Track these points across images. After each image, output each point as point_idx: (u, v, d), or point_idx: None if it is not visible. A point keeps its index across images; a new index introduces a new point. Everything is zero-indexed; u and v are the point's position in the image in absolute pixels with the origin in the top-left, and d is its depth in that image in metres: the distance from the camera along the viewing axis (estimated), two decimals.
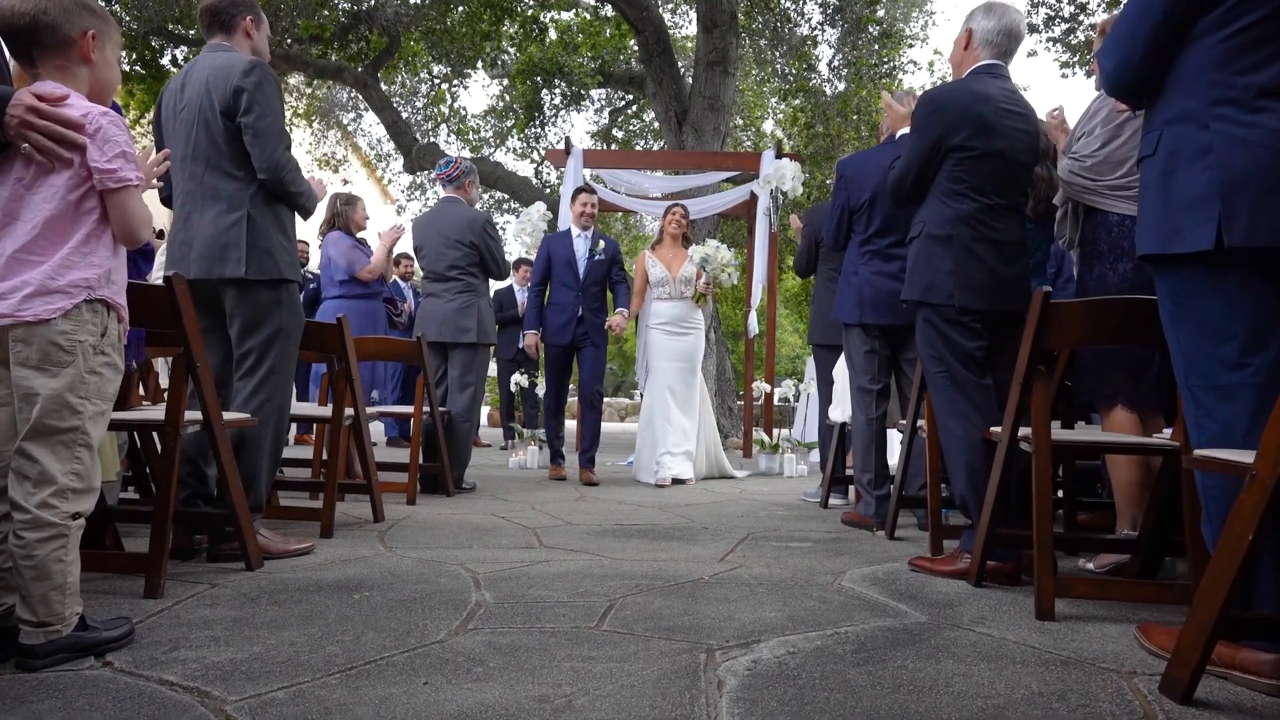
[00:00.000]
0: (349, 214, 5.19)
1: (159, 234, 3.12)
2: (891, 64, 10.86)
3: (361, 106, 13.42)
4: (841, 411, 4.10)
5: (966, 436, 2.52)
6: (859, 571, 2.58)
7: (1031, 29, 9.36)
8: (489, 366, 4.64)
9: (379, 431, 8.09)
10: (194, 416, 2.24)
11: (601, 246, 5.13)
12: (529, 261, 8.18)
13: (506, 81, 13.37)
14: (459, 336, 4.36)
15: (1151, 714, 1.43)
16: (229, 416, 2.39)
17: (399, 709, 1.38)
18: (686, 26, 14.09)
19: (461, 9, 10.78)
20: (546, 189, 11.91)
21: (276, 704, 1.39)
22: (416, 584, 2.27)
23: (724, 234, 11.27)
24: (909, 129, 2.93)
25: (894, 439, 4.27)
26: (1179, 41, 1.61)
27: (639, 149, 14.10)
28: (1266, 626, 1.50)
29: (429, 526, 3.30)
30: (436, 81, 13.19)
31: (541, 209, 6.12)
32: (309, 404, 4.96)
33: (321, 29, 10.07)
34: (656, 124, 12.26)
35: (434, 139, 13.07)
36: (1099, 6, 8.81)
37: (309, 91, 13.16)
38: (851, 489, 4.21)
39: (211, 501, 2.62)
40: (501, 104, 14.02)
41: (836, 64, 11.29)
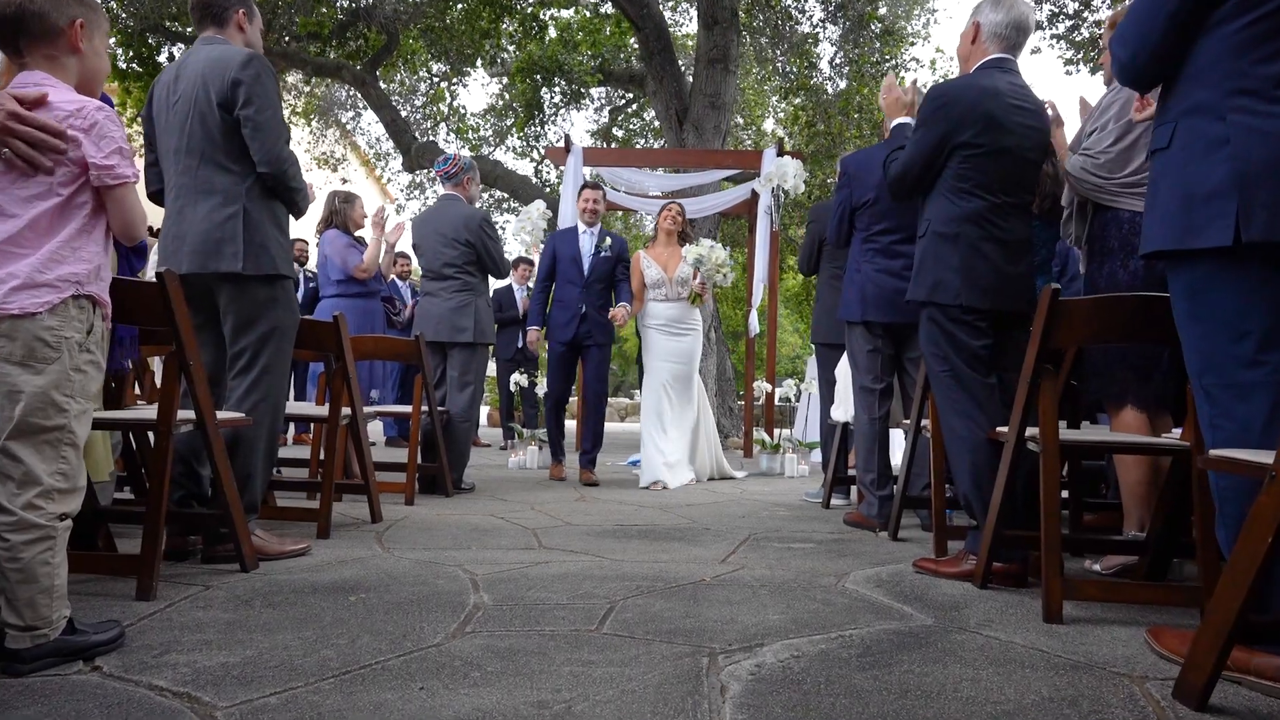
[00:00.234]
0: (347, 212, 5.15)
1: (153, 232, 3.08)
2: (893, 61, 10.82)
3: (360, 105, 13.38)
4: (844, 411, 4.06)
5: (971, 436, 2.48)
6: (863, 573, 2.55)
7: (1035, 25, 9.31)
8: (488, 366, 4.60)
9: (378, 431, 8.05)
10: (187, 416, 2.21)
11: (608, 243, 5.05)
12: (528, 260, 8.14)
13: (506, 80, 13.33)
14: (456, 336, 4.32)
15: None
16: (223, 416, 2.35)
17: (394, 716, 1.34)
18: (687, 25, 14.06)
19: (461, 6, 10.74)
20: (546, 188, 11.87)
21: (269, 710, 1.36)
22: (414, 586, 2.23)
23: (724, 233, 11.24)
24: (908, 119, 2.89)
25: (897, 438, 4.24)
26: (1194, 30, 1.57)
27: (639, 147, 14.05)
28: None
29: (427, 527, 3.26)
30: (435, 80, 13.15)
31: (541, 208, 6.08)
32: (306, 403, 4.93)
33: (320, 26, 10.03)
34: (657, 122, 12.22)
35: (433, 137, 13.03)
36: (1103, 3, 8.76)
37: (307, 90, 13.11)
38: (854, 489, 4.18)
39: (206, 502, 2.58)
40: (501, 102, 13.99)
41: (838, 62, 11.25)
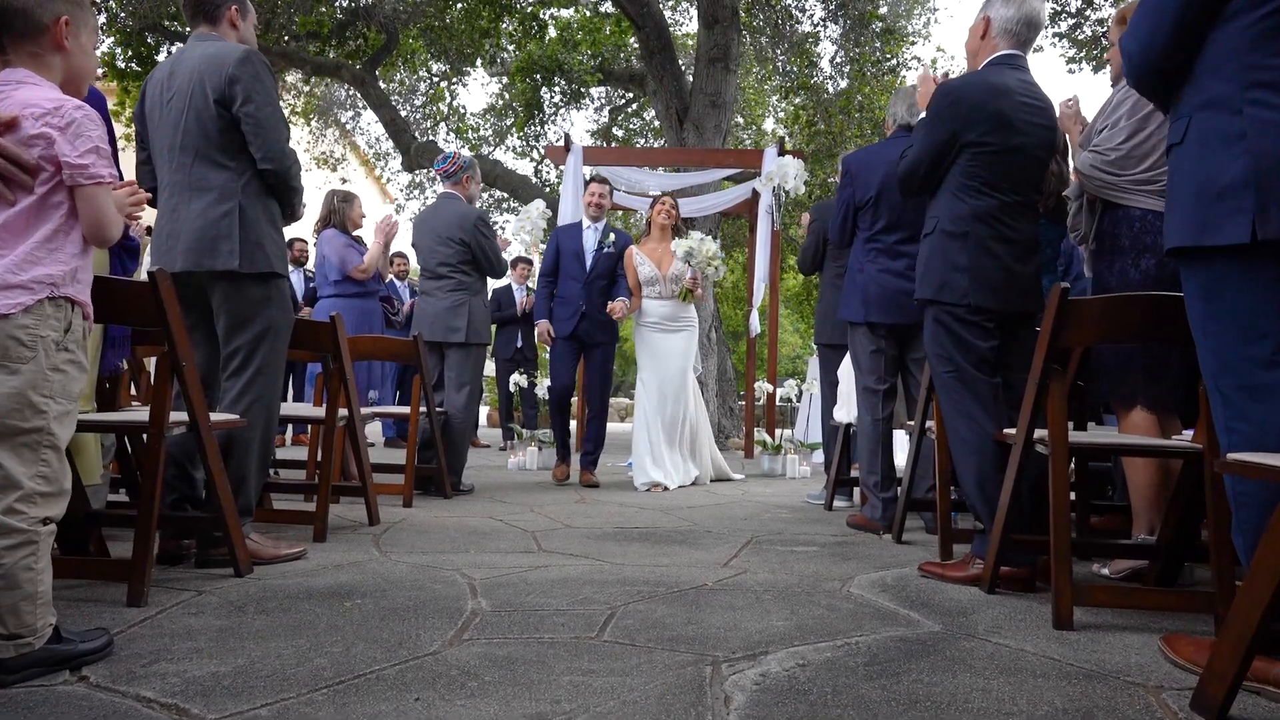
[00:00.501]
0: (345, 211, 5.11)
1: (148, 230, 3.04)
2: (894, 60, 10.78)
3: (360, 104, 13.33)
4: (847, 412, 4.02)
5: (976, 439, 2.44)
6: (867, 577, 2.51)
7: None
8: (485, 365, 4.55)
9: (376, 432, 8.01)
10: (180, 418, 2.17)
11: (612, 239, 4.96)
12: (527, 260, 8.11)
13: (506, 79, 13.29)
14: (449, 336, 4.28)
15: None
16: (216, 418, 2.31)
17: None
18: (687, 24, 14.02)
19: (460, 6, 10.70)
20: (546, 187, 11.83)
21: None
22: (410, 591, 2.19)
23: (725, 232, 11.20)
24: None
25: (900, 439, 4.20)
26: (1208, 23, 1.53)
27: (639, 147, 14.00)
28: None
29: (425, 530, 3.22)
30: (435, 79, 13.11)
31: (541, 207, 6.04)
32: (304, 404, 4.89)
33: (319, 25, 9.99)
34: (657, 122, 12.17)
35: (433, 137, 12.98)
36: (1105, 1, 8.72)
37: (306, 89, 13.06)
38: (856, 491, 4.14)
39: (200, 505, 2.54)
40: (501, 102, 13.95)
41: (839, 61, 11.20)
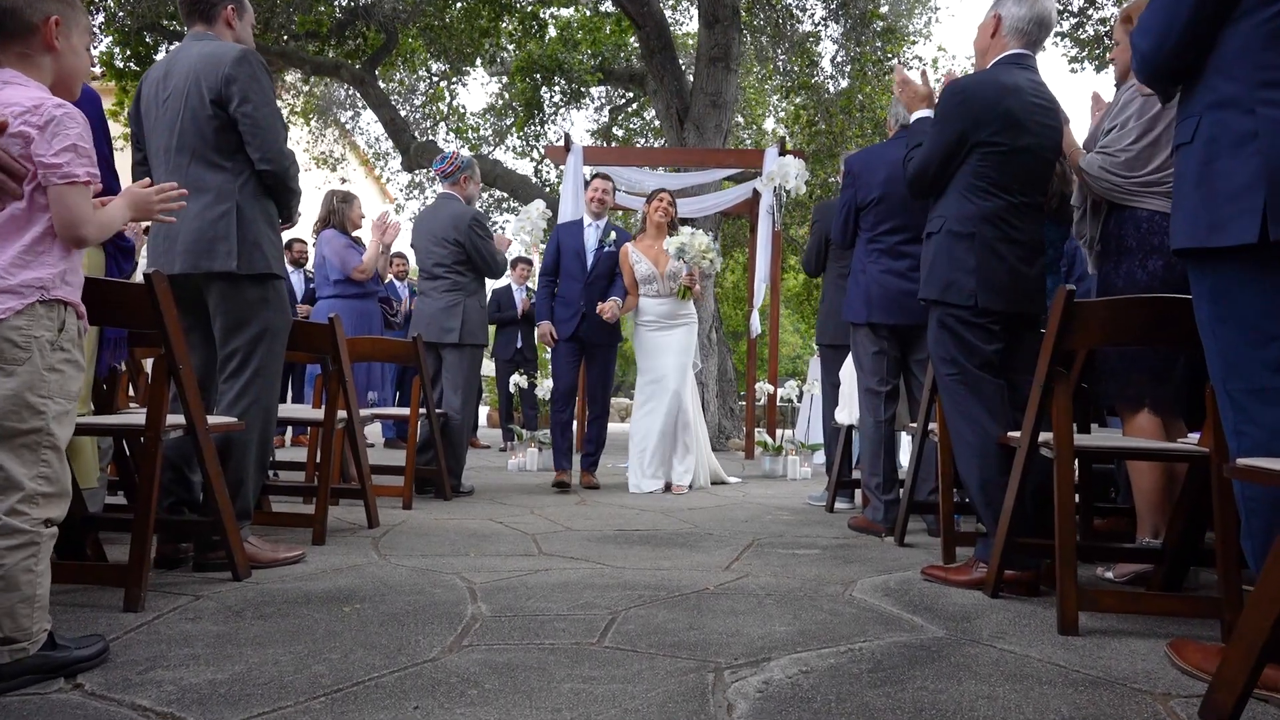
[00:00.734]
0: (345, 212, 5.09)
1: (145, 230, 3.02)
2: (895, 60, 10.76)
3: (359, 104, 13.31)
4: (848, 414, 4.00)
5: (979, 442, 2.42)
6: (870, 581, 2.49)
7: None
8: (481, 366, 4.52)
9: (376, 433, 7.99)
10: (177, 421, 2.15)
11: (613, 238, 4.87)
12: (527, 260, 8.09)
13: (506, 79, 13.26)
14: (444, 337, 4.26)
15: None
16: (213, 420, 2.29)
17: None
18: (688, 23, 13.99)
19: (460, 5, 10.67)
20: (546, 187, 11.80)
21: None
22: (410, 595, 2.18)
23: (725, 232, 11.18)
24: (928, 111, 2.80)
25: (904, 440, 4.18)
26: (1220, 21, 1.51)
27: (640, 146, 13.97)
28: None
29: (425, 533, 3.20)
30: (435, 79, 13.08)
31: (541, 207, 6.02)
32: (303, 405, 4.87)
33: (318, 25, 9.97)
34: (657, 121, 12.14)
35: (432, 137, 12.96)
36: (1108, 0, 8.70)
37: (306, 89, 13.04)
38: (858, 493, 4.12)
39: (197, 509, 2.52)
40: (501, 102, 13.92)
41: (839, 60, 11.18)
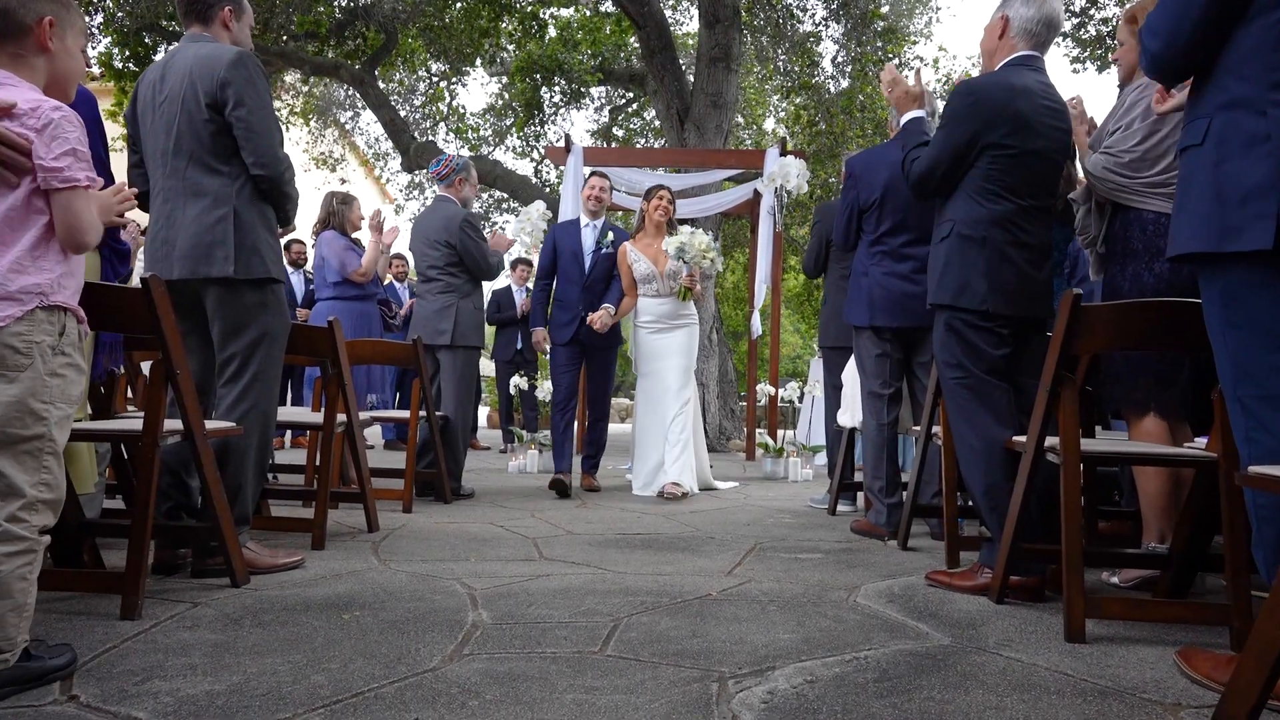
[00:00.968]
0: (344, 213, 5.07)
1: (142, 231, 3.00)
2: (896, 60, 10.74)
3: (359, 104, 13.28)
4: (850, 416, 3.98)
5: (984, 447, 2.40)
6: (874, 586, 2.47)
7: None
8: (476, 368, 4.49)
9: (376, 434, 7.97)
10: (174, 426, 2.13)
11: (610, 238, 4.77)
12: (527, 261, 8.06)
13: (505, 79, 13.24)
14: (436, 339, 4.24)
15: None
16: (212, 426, 2.27)
17: None
18: (688, 23, 13.97)
19: (459, 5, 10.65)
20: (546, 188, 11.78)
21: None
22: (410, 602, 2.16)
23: (726, 233, 11.16)
24: (920, 112, 2.76)
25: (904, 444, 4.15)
26: (1231, 20, 1.49)
27: (640, 147, 13.96)
28: None
29: (425, 537, 3.18)
30: (434, 79, 13.06)
31: (541, 208, 5.99)
32: (302, 408, 4.85)
33: (318, 25, 9.94)
34: (657, 122, 12.11)
35: (432, 137, 12.94)
36: (1110, 0, 8.68)
37: (305, 89, 13.02)
38: (860, 496, 4.10)
39: (195, 514, 2.50)
40: (500, 102, 13.89)
41: (840, 60, 11.15)
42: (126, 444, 2.85)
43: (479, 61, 12.13)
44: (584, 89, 12.86)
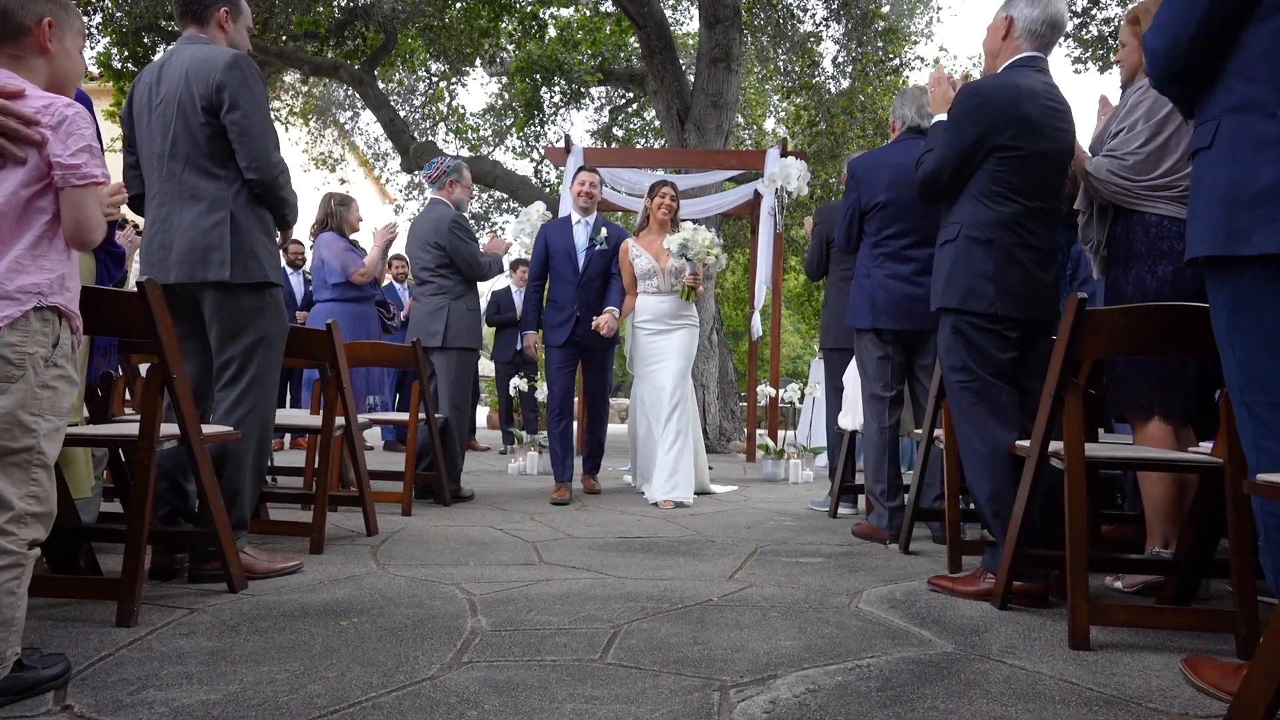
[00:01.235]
0: (343, 215, 5.06)
1: (138, 231, 2.98)
2: (897, 60, 10.71)
3: (358, 105, 13.25)
4: (852, 419, 3.96)
5: (988, 451, 2.38)
6: (876, 591, 2.45)
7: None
8: (472, 369, 4.47)
9: (375, 435, 7.95)
10: (171, 431, 2.11)
11: (604, 235, 4.65)
12: (526, 262, 8.04)
13: (505, 79, 13.22)
14: (428, 341, 4.22)
15: None
16: (209, 430, 2.25)
17: None
18: (689, 23, 13.95)
19: (459, 5, 10.63)
20: (546, 188, 11.76)
21: None
22: (409, 608, 2.14)
23: (726, 233, 11.13)
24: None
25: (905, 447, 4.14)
26: (1239, 21, 1.47)
27: (640, 147, 13.93)
28: None
29: (424, 540, 3.17)
30: (434, 79, 13.04)
31: (541, 208, 5.97)
32: (301, 411, 4.83)
33: (317, 25, 9.92)
34: (658, 122, 12.10)
35: (432, 137, 12.92)
36: (1112, 0, 8.66)
37: (304, 89, 13.00)
38: (861, 498, 4.08)
39: (192, 518, 2.48)
40: (500, 102, 13.87)
41: (840, 60, 11.13)
42: (123, 449, 2.83)
43: (479, 61, 12.11)
44: (584, 89, 12.84)
